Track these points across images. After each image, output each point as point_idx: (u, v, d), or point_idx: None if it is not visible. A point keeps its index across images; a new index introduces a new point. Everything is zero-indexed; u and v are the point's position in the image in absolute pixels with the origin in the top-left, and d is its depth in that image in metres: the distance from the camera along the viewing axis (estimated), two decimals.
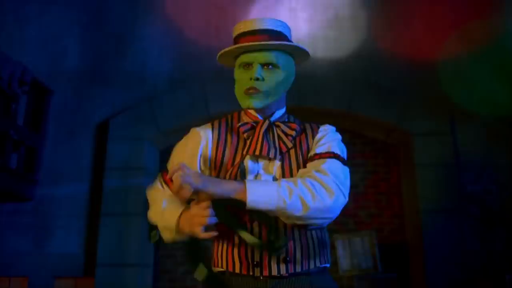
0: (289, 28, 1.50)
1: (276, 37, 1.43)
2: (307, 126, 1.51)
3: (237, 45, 1.42)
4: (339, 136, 1.50)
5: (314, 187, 1.29)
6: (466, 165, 4.10)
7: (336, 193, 1.30)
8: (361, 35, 4.51)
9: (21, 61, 4.07)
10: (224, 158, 1.43)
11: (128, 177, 4.21)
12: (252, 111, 1.48)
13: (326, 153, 1.40)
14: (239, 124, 1.47)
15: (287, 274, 1.31)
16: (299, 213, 1.28)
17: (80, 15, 4.81)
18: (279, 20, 1.47)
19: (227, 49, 1.45)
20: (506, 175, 4.06)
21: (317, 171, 1.34)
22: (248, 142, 1.42)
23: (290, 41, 1.49)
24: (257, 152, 1.39)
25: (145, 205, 4.66)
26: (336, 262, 3.92)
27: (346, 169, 1.41)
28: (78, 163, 4.36)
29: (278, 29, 1.45)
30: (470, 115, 4.19)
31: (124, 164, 4.26)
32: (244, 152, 1.41)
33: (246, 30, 1.44)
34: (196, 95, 4.44)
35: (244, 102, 1.43)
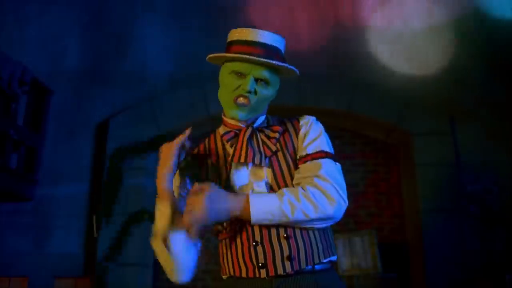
0: (284, 43, 1.51)
1: (272, 53, 1.43)
2: (288, 123, 1.51)
3: (238, 55, 1.41)
4: (321, 127, 1.51)
5: (315, 197, 1.32)
6: (466, 165, 4.10)
7: (337, 200, 1.33)
8: (361, 34, 4.51)
9: (21, 61, 4.07)
10: (210, 178, 1.45)
11: (128, 177, 4.21)
12: (232, 121, 1.49)
13: (317, 152, 1.41)
14: (223, 133, 1.49)
15: (292, 272, 1.32)
16: (303, 224, 1.33)
17: (80, 15, 4.81)
18: (277, 35, 1.47)
19: (224, 54, 1.45)
20: (506, 175, 4.06)
21: (317, 177, 1.35)
22: (232, 150, 1.43)
23: (284, 55, 1.49)
24: (242, 160, 1.40)
25: (145, 205, 4.62)
26: (336, 261, 3.91)
27: (339, 167, 1.43)
28: (78, 163, 4.36)
29: (275, 44, 1.45)
30: (470, 115, 4.19)
31: (124, 164, 4.26)
32: (229, 159, 1.43)
33: (244, 38, 1.44)
34: (196, 95, 4.44)
35: (231, 111, 1.44)
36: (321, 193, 1.32)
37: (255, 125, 1.48)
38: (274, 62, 1.41)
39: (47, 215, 4.24)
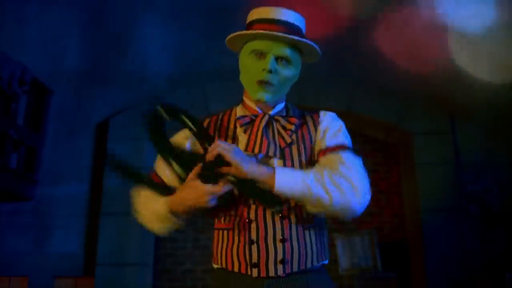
0: (304, 23, 1.46)
1: (293, 30, 1.38)
2: (308, 117, 1.47)
3: (256, 31, 1.36)
4: (342, 123, 1.48)
5: (340, 181, 1.27)
6: (466, 164, 4.10)
7: (360, 189, 1.29)
8: (361, 35, 4.51)
9: (21, 61, 4.07)
10: None
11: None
12: (251, 104, 1.45)
13: (338, 146, 1.37)
14: (238, 116, 1.44)
15: (284, 275, 1.31)
16: (324, 203, 1.27)
17: (80, 15, 4.81)
18: (298, 14, 1.43)
19: (245, 32, 1.39)
20: (506, 174, 4.06)
21: (342, 164, 1.32)
22: (246, 137, 1.39)
23: (304, 35, 1.44)
24: (256, 150, 1.35)
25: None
26: (336, 261, 3.92)
27: (360, 160, 1.39)
28: (78, 163, 4.36)
29: (296, 23, 1.41)
30: (470, 114, 4.19)
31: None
32: (243, 149, 1.37)
33: (264, 17, 1.39)
34: (196, 95, 4.44)
35: (256, 93, 1.38)
36: (345, 180, 1.28)
37: (273, 112, 1.44)
38: (295, 37, 1.36)
39: (47, 215, 4.24)
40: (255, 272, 1.31)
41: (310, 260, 1.34)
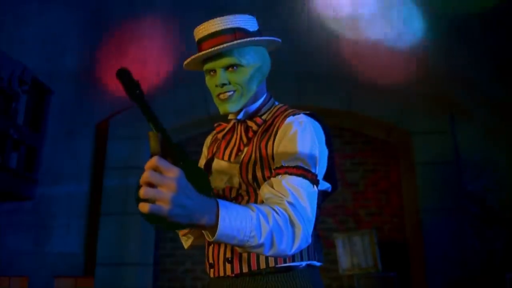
0: (251, 19, 1.45)
1: (234, 34, 1.38)
2: (280, 117, 1.37)
3: (193, 56, 1.40)
4: (310, 133, 1.28)
5: (286, 224, 1.09)
6: (466, 164, 4.10)
7: (301, 238, 1.10)
8: (362, 34, 4.51)
9: (21, 61, 4.07)
10: (206, 160, 1.50)
11: (128, 176, 4.21)
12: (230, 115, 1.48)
13: (294, 167, 1.18)
14: (216, 124, 1.49)
15: (233, 274, 1.26)
16: (266, 252, 1.07)
17: (80, 15, 4.81)
18: (238, 15, 1.43)
19: (187, 61, 1.44)
20: (506, 174, 4.06)
21: (290, 204, 1.12)
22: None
23: (252, 32, 1.42)
24: (216, 156, 1.42)
25: None
26: (336, 261, 3.92)
27: (315, 194, 1.19)
28: (78, 163, 4.37)
29: (234, 25, 1.41)
30: (470, 114, 4.19)
31: (123, 163, 4.26)
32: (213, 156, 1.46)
33: (204, 34, 1.40)
34: (196, 95, 4.44)
35: (221, 108, 1.39)
36: (289, 220, 1.10)
37: (240, 116, 1.42)
38: (227, 44, 1.34)
39: (47, 215, 4.24)
40: (212, 272, 1.32)
41: (265, 261, 1.23)
